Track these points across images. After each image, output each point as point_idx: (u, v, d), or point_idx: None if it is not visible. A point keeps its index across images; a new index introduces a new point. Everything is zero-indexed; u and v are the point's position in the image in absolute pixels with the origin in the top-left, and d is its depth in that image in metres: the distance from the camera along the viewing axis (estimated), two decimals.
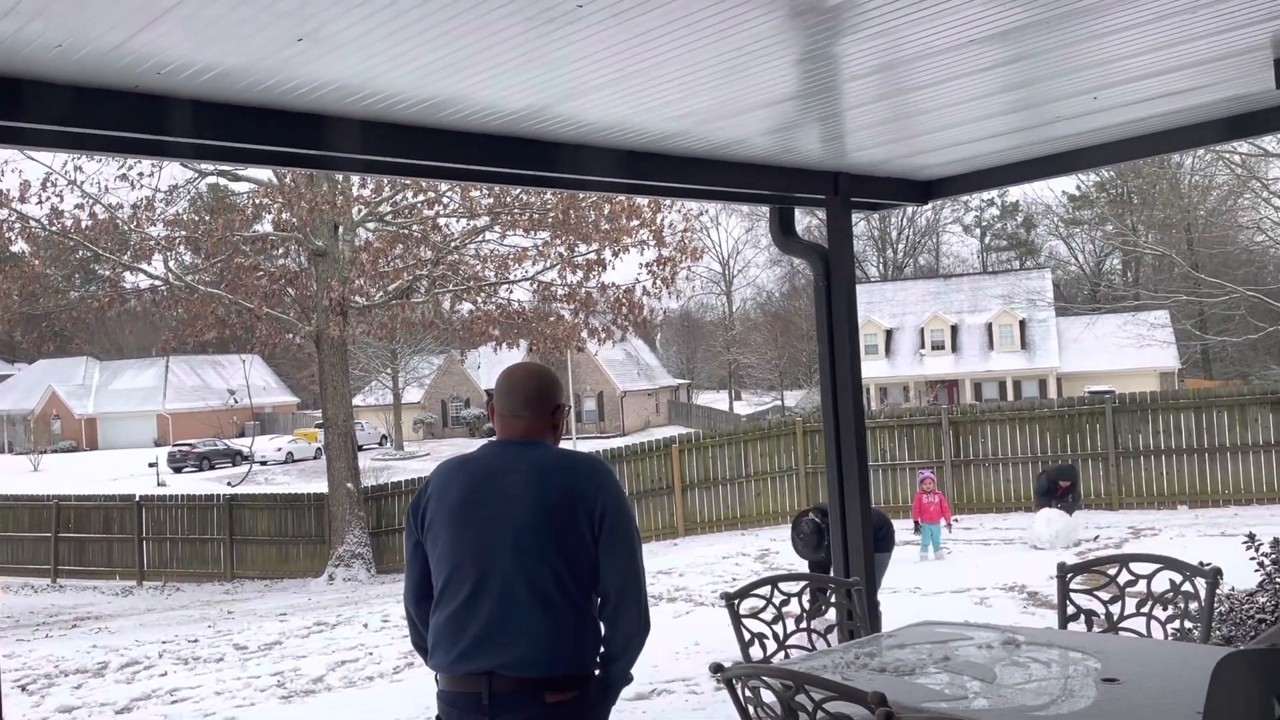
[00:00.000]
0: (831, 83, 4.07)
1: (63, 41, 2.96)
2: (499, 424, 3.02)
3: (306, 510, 21.61)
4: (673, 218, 20.46)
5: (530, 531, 2.78)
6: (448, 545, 2.85)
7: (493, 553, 2.79)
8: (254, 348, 24.67)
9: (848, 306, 5.86)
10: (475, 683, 2.76)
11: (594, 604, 2.88)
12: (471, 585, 2.80)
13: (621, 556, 2.84)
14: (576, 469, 2.89)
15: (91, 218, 19.41)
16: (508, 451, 2.93)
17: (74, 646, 12.66)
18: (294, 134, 3.82)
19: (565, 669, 2.78)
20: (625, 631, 2.87)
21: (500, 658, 2.75)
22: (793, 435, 19.19)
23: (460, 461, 2.99)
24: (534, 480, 2.84)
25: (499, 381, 3.06)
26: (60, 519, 23.09)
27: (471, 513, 2.84)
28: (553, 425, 3.02)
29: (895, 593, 10.11)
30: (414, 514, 2.97)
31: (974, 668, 3.47)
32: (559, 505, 2.80)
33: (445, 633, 2.83)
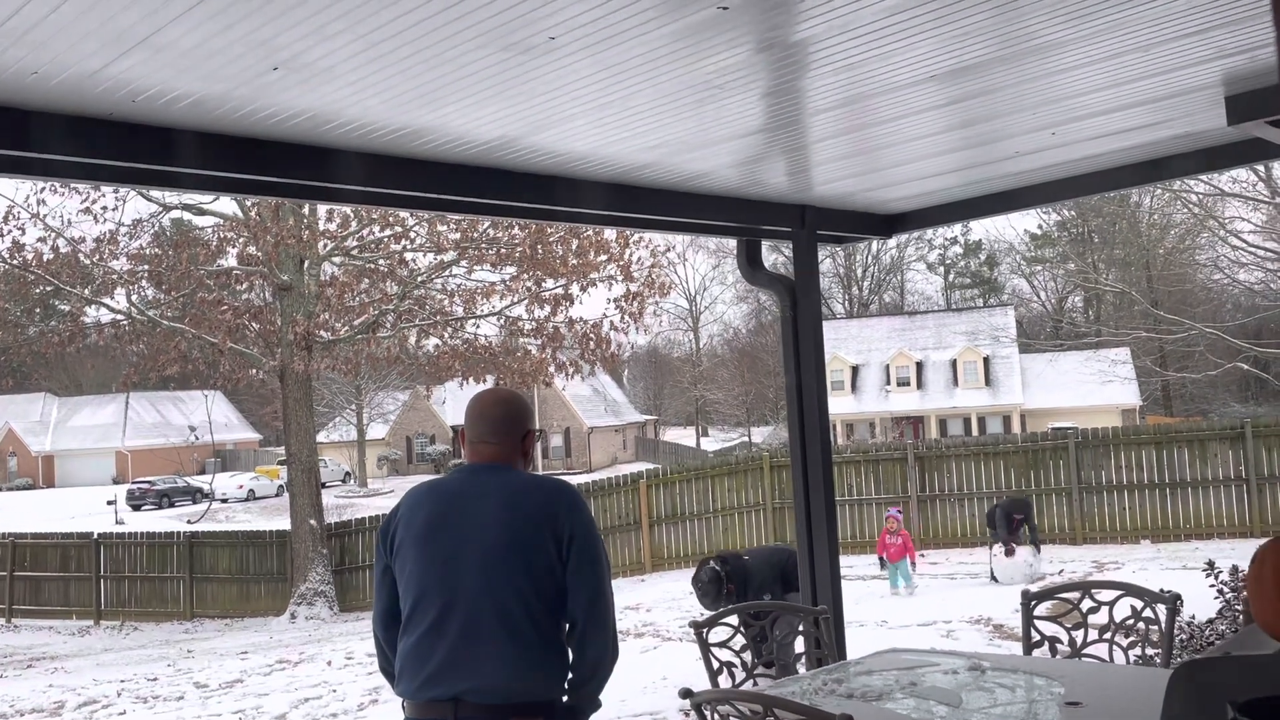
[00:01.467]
0: (797, 116, 4.15)
1: (39, 68, 2.97)
2: (469, 450, 3.02)
3: (268, 548, 21.34)
4: (640, 253, 20.59)
5: (497, 555, 2.78)
6: (415, 569, 2.84)
7: (459, 577, 2.79)
8: (216, 383, 24.48)
9: (814, 338, 5.92)
10: (441, 709, 2.75)
11: (562, 630, 2.88)
12: (438, 610, 2.79)
13: (590, 581, 2.84)
14: (545, 492, 2.89)
15: (54, 251, 19.24)
16: (477, 476, 2.94)
17: (29, 686, 12.40)
18: (269, 163, 3.84)
19: (532, 695, 2.77)
20: (593, 657, 2.86)
21: (466, 683, 2.73)
22: (759, 470, 19.24)
23: (429, 486, 2.99)
24: (502, 504, 2.84)
25: (469, 407, 3.07)
26: (15, 557, 22.65)
27: (439, 537, 2.84)
28: (523, 451, 3.03)
29: (863, 626, 10.15)
30: (383, 538, 2.96)
31: (940, 693, 3.50)
32: (527, 529, 2.80)
33: (411, 658, 2.81)
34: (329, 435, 51.60)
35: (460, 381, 21.71)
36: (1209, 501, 17.12)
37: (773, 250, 45.52)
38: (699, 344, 69.62)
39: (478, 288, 21.09)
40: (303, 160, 3.91)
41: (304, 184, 4.11)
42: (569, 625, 2.87)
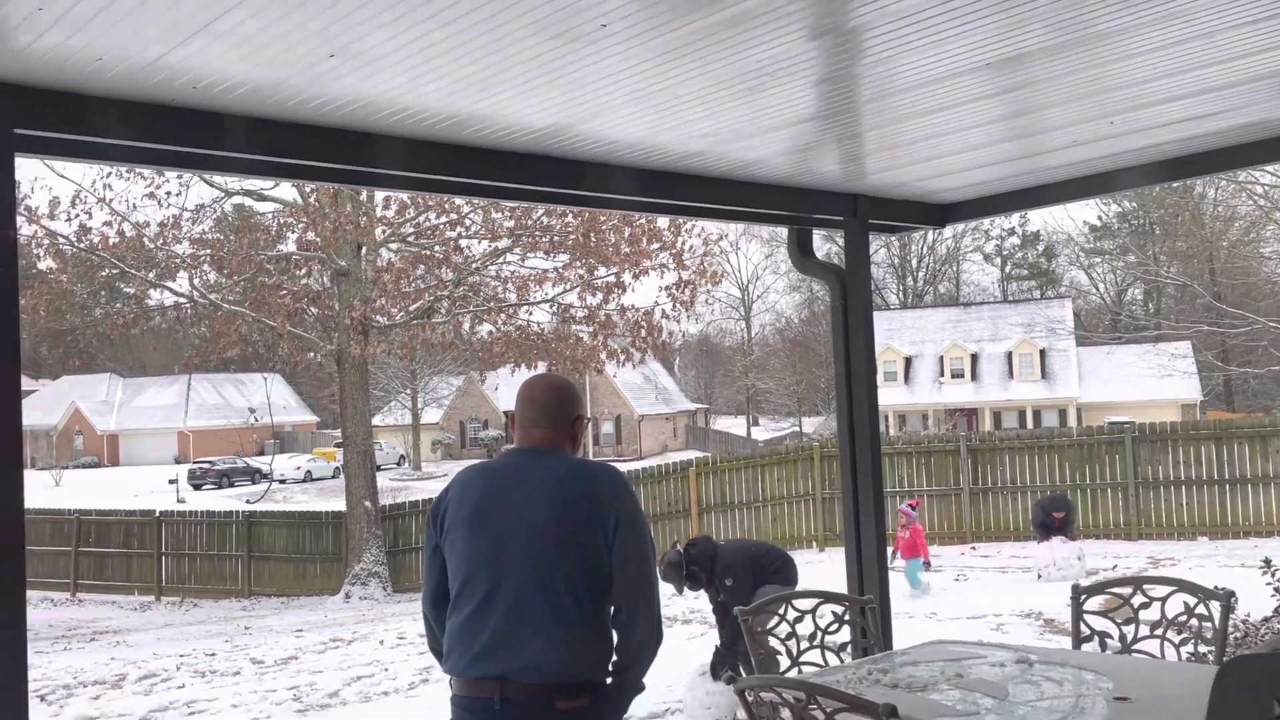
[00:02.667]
0: (851, 104, 4.13)
1: (103, 55, 3.05)
2: (519, 434, 3.06)
3: (324, 528, 21.70)
4: (693, 241, 20.57)
5: (544, 538, 2.82)
6: (464, 550, 2.89)
7: (507, 558, 2.83)
8: (275, 366, 24.93)
9: (865, 328, 5.89)
10: (488, 687, 2.79)
11: (607, 613, 2.91)
12: (486, 590, 2.84)
13: (635, 564, 2.87)
14: (592, 477, 2.92)
15: (119, 235, 19.66)
16: (525, 459, 2.98)
17: (92, 659, 12.75)
18: (324, 149, 3.90)
19: (577, 676, 2.81)
20: (638, 640, 2.89)
21: (512, 663, 2.78)
22: (810, 460, 19.16)
23: (479, 468, 3.04)
24: (550, 488, 2.87)
25: (520, 392, 3.10)
26: (81, 534, 23.25)
27: (487, 518, 2.88)
28: (571, 436, 3.06)
29: (911, 618, 10.09)
30: (433, 519, 3.01)
31: (986, 685, 3.48)
32: (573, 512, 2.84)
33: (459, 637, 2.86)
34: (384, 419, 52.29)
35: (512, 368, 21.86)
36: (1269, 499, 16.74)
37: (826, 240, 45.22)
38: (750, 333, 69.40)
39: (531, 275, 21.22)
40: (357, 147, 3.97)
41: (358, 170, 4.16)
42: (614, 609, 2.90)
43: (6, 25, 2.82)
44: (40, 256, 20.12)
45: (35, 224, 19.02)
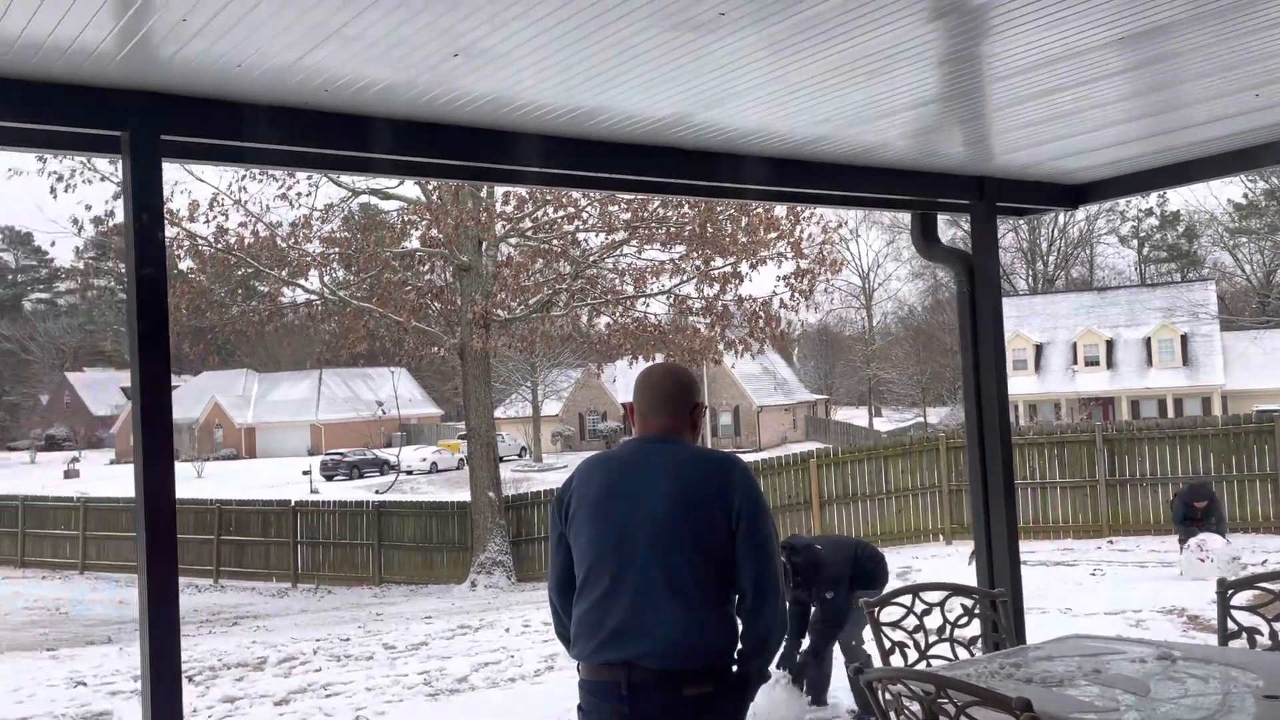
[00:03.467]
0: (975, 85, 4.02)
1: (243, 61, 3.18)
2: (638, 422, 3.08)
3: (450, 518, 22.23)
4: (811, 229, 20.34)
5: (667, 525, 2.84)
6: (589, 538, 2.93)
7: (631, 546, 2.86)
8: (401, 360, 25.55)
9: (993, 315, 5.74)
10: (615, 672, 2.82)
11: (731, 601, 2.90)
12: (611, 577, 2.87)
13: (759, 552, 2.86)
14: (714, 464, 2.93)
15: (253, 235, 20.48)
16: (646, 448, 3.00)
17: (235, 642, 13.35)
18: (451, 146, 3.99)
19: (701, 662, 2.82)
20: (763, 629, 2.89)
21: (638, 649, 2.80)
22: (935, 451, 18.77)
23: (602, 458, 3.07)
24: (672, 475, 2.89)
25: (638, 380, 3.12)
26: (222, 522, 24.34)
27: (611, 507, 2.91)
28: (692, 423, 3.07)
29: (1045, 613, 9.80)
30: (558, 507, 3.06)
31: (1127, 681, 3.36)
32: (696, 500, 2.85)
33: (586, 623, 2.90)
34: (506, 411, 53.22)
35: (629, 360, 22.00)
36: None
37: (950, 224, 44.12)
38: (872, 322, 68.21)
39: (648, 266, 21.29)
40: (482, 143, 4.06)
41: (484, 166, 4.25)
42: (739, 597, 2.90)
43: (153, 36, 2.97)
44: (181, 257, 21.12)
45: (177, 226, 19.96)
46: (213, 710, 8.66)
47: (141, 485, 3.42)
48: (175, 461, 3.67)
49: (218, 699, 9.12)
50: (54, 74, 3.19)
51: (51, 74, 3.18)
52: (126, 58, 3.10)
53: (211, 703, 8.98)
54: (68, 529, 26.68)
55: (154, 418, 3.41)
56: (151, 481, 3.42)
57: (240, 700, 9.02)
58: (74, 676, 10.78)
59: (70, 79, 3.22)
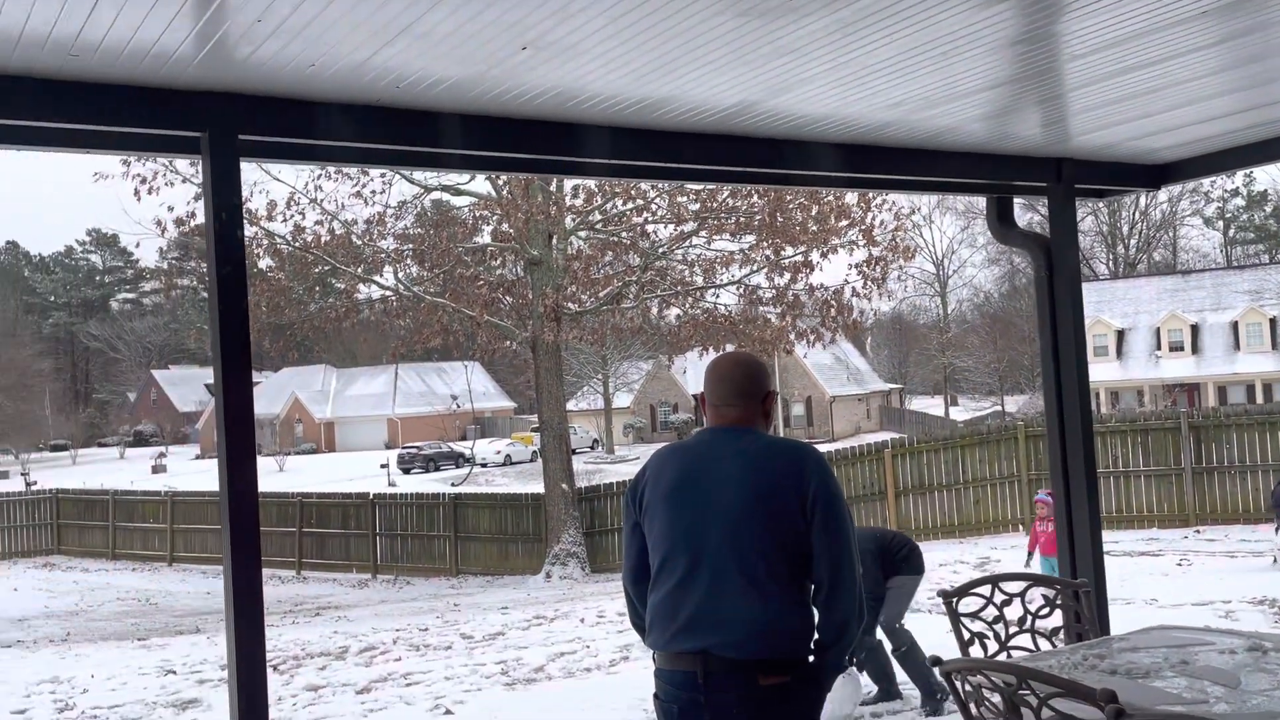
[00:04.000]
0: (1051, 64, 3.93)
1: (316, 60, 3.24)
2: (711, 414, 3.07)
3: (524, 510, 22.44)
4: (883, 217, 20.09)
5: (742, 515, 2.83)
6: (663, 527, 2.93)
7: (706, 535, 2.85)
8: (474, 354, 25.85)
9: (1072, 299, 5.61)
10: (690, 661, 2.82)
11: (807, 590, 2.89)
12: (686, 566, 2.87)
13: (835, 541, 2.84)
14: (788, 454, 2.91)
15: (329, 233, 20.85)
16: (720, 438, 2.99)
17: (318, 632, 13.64)
18: (520, 140, 4.02)
19: (778, 652, 2.80)
20: (840, 618, 2.87)
21: (714, 637, 2.80)
22: (1014, 440, 18.43)
23: (674, 448, 3.07)
24: (746, 464, 2.88)
25: (708, 372, 3.11)
26: (304, 515, 24.87)
27: (685, 496, 2.91)
28: (764, 412, 3.05)
29: (1129, 603, 9.57)
30: (632, 497, 3.07)
31: (1215, 673, 3.26)
32: (771, 489, 2.84)
33: (661, 612, 2.91)
34: (577, 404, 53.55)
35: (700, 351, 21.96)
36: None
37: (1027, 209, 43.21)
38: (947, 309, 67.12)
39: (717, 257, 21.23)
40: (550, 136, 4.08)
41: (551, 159, 4.27)
42: (815, 586, 2.88)
43: (229, 38, 3.04)
44: (260, 256, 21.59)
45: (255, 225, 20.41)
46: (297, 698, 8.86)
47: (226, 479, 3.50)
48: (258, 456, 3.75)
49: (302, 687, 9.32)
50: (135, 77, 3.27)
51: (133, 77, 3.27)
52: (204, 60, 3.17)
53: (296, 691, 9.19)
54: (156, 522, 27.50)
55: (237, 413, 3.49)
56: (235, 476, 3.50)
57: (323, 689, 9.21)
58: (164, 665, 11.12)
59: (151, 82, 3.31)
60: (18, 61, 3.09)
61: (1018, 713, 2.88)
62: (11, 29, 2.88)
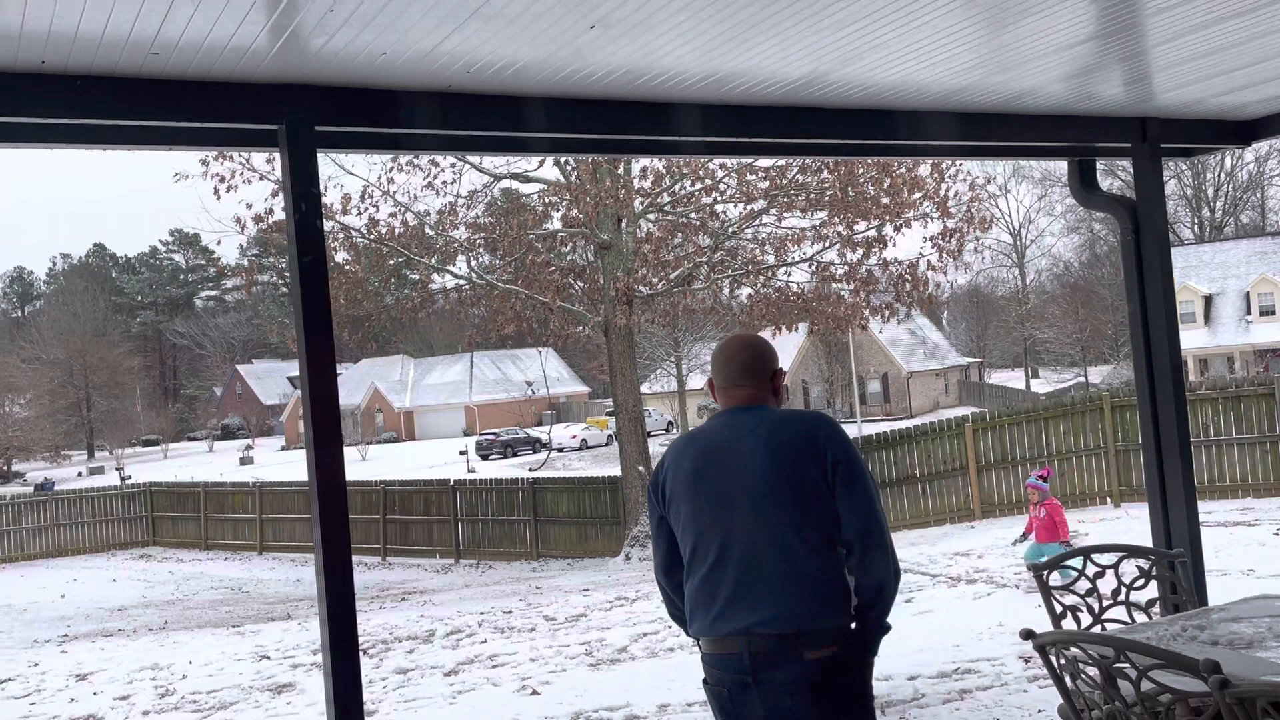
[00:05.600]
0: (1134, 19, 3.80)
1: (387, 49, 3.26)
2: (722, 396, 3.07)
3: (602, 493, 22.57)
4: (958, 187, 19.71)
5: (766, 490, 2.82)
6: (690, 515, 2.93)
7: (733, 515, 2.85)
8: (548, 340, 26.03)
9: (1161, 262, 5.45)
10: (734, 643, 2.81)
11: (840, 557, 2.85)
12: (717, 549, 2.87)
13: (861, 502, 2.81)
14: (801, 422, 2.92)
15: (403, 225, 21.12)
16: (733, 419, 2.99)
17: (404, 616, 13.89)
18: (589, 121, 4.02)
19: (820, 623, 2.78)
20: (876, 579, 2.83)
21: (754, 616, 2.79)
22: (1099, 411, 17.99)
23: (690, 436, 3.08)
24: (763, 440, 2.87)
25: (715, 356, 3.12)
26: (387, 503, 25.35)
27: (707, 481, 2.91)
28: (774, 390, 3.05)
29: (1225, 575, 9.30)
30: (654, 491, 3.08)
31: None
32: (791, 461, 2.83)
33: (699, 598, 2.91)
34: (651, 386, 53.60)
35: (773, 331, 21.80)
36: None
37: (1107, 174, 42.04)
38: (1025, 280, 65.78)
39: (788, 235, 21.03)
40: (620, 115, 4.06)
41: (621, 139, 4.26)
42: (847, 550, 2.84)
43: (303, 29, 3.07)
44: (336, 249, 21.95)
45: (331, 219, 20.74)
46: (387, 681, 9.04)
47: (314, 468, 3.56)
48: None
49: (391, 670, 9.51)
50: (213, 73, 3.33)
51: (211, 73, 3.33)
52: (279, 53, 3.22)
53: (386, 674, 9.37)
54: (246, 513, 28.27)
55: (322, 399, 3.55)
56: (323, 465, 3.55)
57: (412, 671, 9.38)
58: (258, 651, 11.42)
59: (228, 77, 3.37)
60: (101, 62, 3.17)
61: (1115, 685, 2.81)
62: (93, 30, 2.95)
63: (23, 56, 3.08)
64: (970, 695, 6.47)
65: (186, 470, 45.18)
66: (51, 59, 3.12)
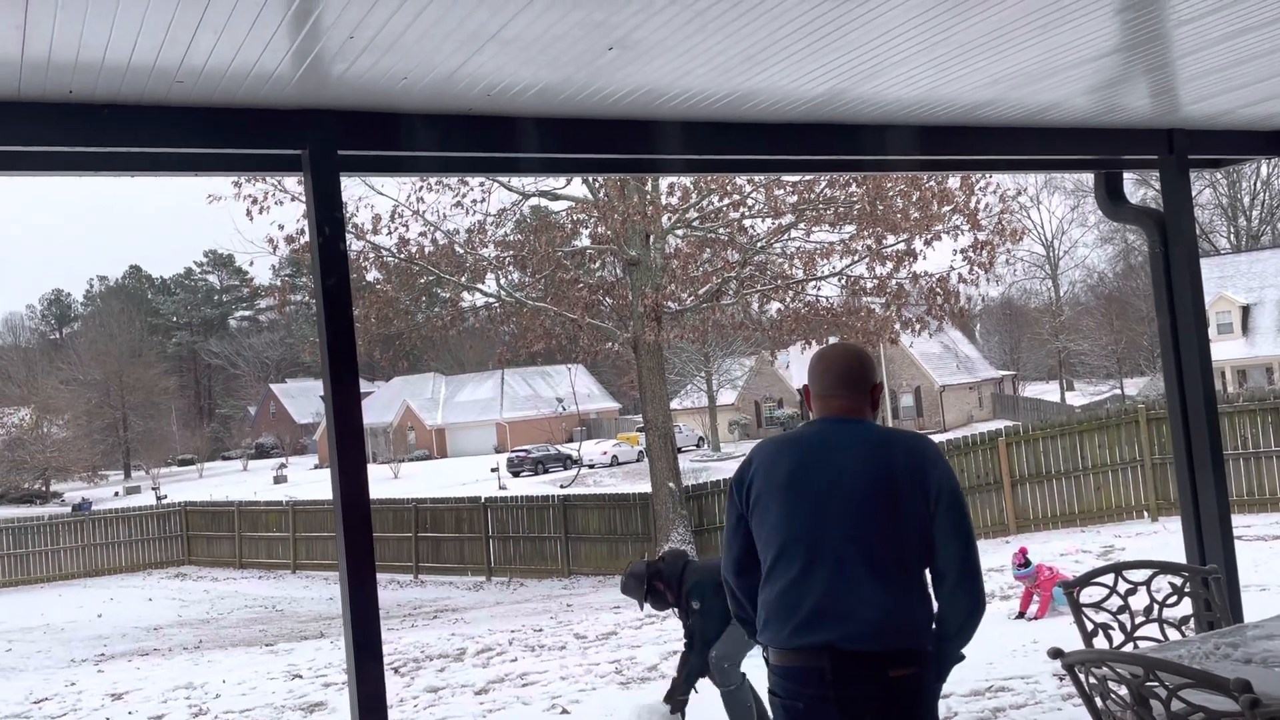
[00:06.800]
0: (1159, 30, 3.77)
1: (407, 73, 3.30)
2: (817, 404, 3.00)
3: (632, 509, 22.53)
4: (988, 200, 19.60)
5: (866, 505, 2.78)
6: (778, 520, 2.86)
7: (827, 526, 2.79)
8: (578, 357, 26.10)
9: (1190, 274, 5.38)
10: (815, 656, 2.75)
11: (926, 580, 2.83)
12: (805, 559, 2.80)
13: (960, 534, 2.79)
14: (909, 445, 2.87)
15: (433, 244, 21.27)
16: (834, 428, 2.92)
17: (436, 634, 13.92)
18: (609, 141, 4.03)
19: (904, 643, 2.74)
20: (964, 610, 2.81)
21: (839, 630, 2.73)
22: (1135, 424, 17.77)
23: (786, 438, 3.00)
24: (866, 456, 2.83)
25: (814, 363, 3.05)
26: (419, 520, 25.43)
27: (803, 487, 2.84)
28: (872, 403, 3.00)
29: (1264, 590, 9.15)
30: (738, 489, 3.00)
31: None
32: (893, 480, 2.79)
33: (779, 606, 2.83)
34: (681, 402, 53.60)
35: (802, 345, 21.72)
36: None
37: (1140, 184, 41.66)
38: (1058, 292, 65.18)
39: (817, 249, 20.98)
40: (638, 135, 4.08)
41: (639, 158, 4.28)
42: (938, 578, 2.82)
43: (325, 55, 3.11)
44: (368, 269, 22.12)
45: (362, 239, 20.93)
46: (418, 700, 9.05)
47: (338, 486, 3.58)
48: (370, 463, 3.82)
49: (422, 689, 9.52)
50: (237, 100, 3.38)
51: (235, 100, 3.38)
52: (301, 79, 3.26)
53: (416, 692, 9.39)
54: (279, 531, 28.47)
55: (345, 417, 3.57)
56: (346, 482, 3.57)
57: (443, 690, 9.39)
58: (290, 670, 11.48)
59: (252, 103, 3.41)
60: (127, 90, 3.22)
61: (1146, 705, 2.77)
62: (119, 59, 3.00)
63: (50, 86, 3.13)
64: (1003, 714, 6.39)
65: (221, 489, 45.58)
66: (78, 88, 3.17)
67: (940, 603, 2.82)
